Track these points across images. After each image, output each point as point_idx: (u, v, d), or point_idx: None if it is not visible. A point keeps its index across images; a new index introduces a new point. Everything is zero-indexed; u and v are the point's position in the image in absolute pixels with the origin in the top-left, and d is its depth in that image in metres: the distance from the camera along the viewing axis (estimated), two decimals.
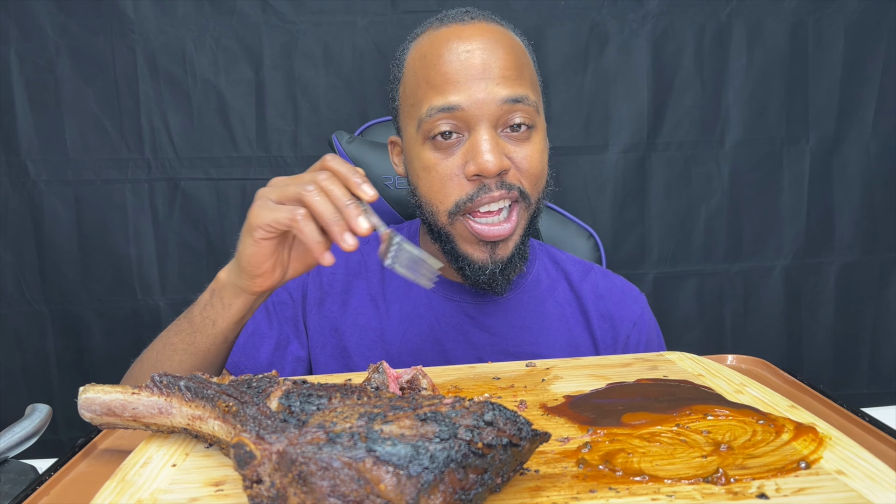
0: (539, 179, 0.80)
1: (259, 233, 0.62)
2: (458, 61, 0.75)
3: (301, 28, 1.43)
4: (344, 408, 0.44)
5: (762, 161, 1.54)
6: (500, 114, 0.75)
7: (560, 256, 0.96)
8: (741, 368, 0.71)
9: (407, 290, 0.88)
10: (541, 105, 0.81)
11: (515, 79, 0.76)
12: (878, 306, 1.59)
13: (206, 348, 0.70)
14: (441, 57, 0.76)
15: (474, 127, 0.75)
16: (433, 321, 0.87)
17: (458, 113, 0.75)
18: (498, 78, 0.75)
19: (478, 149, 0.74)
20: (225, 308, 0.68)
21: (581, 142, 1.50)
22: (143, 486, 0.45)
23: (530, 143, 0.78)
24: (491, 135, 0.75)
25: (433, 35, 0.79)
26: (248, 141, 1.46)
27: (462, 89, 0.74)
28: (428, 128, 0.76)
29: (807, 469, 0.43)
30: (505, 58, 0.76)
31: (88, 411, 0.53)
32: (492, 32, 0.77)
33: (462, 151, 0.76)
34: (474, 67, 0.75)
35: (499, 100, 0.74)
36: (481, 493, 0.39)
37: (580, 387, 0.61)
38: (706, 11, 1.47)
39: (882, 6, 1.49)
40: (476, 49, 0.75)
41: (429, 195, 0.79)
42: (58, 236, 1.45)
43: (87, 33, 1.40)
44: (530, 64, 0.81)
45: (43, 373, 1.50)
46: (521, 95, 0.76)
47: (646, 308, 0.94)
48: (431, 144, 0.77)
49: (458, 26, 0.78)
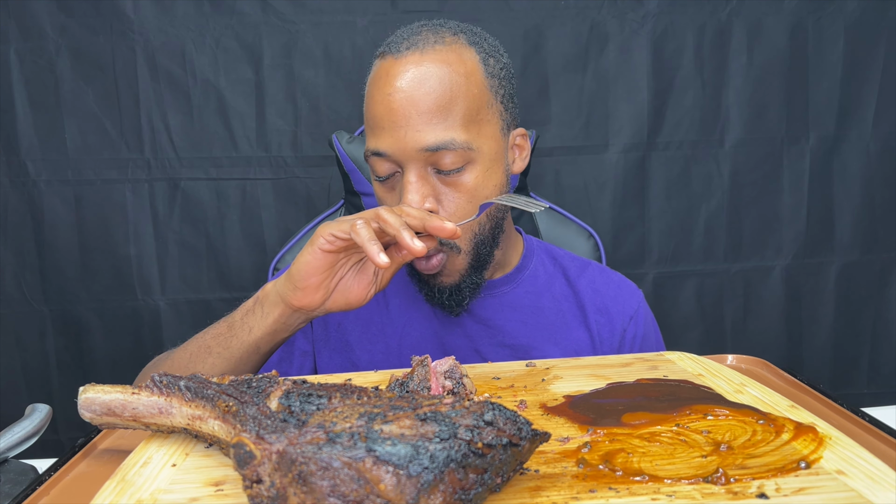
0: (468, 223, 0.77)
1: (321, 241, 0.65)
2: (382, 105, 0.75)
3: (301, 28, 1.43)
4: (344, 408, 0.44)
5: (762, 161, 1.54)
6: (423, 159, 0.74)
7: (558, 253, 0.97)
8: (741, 368, 0.71)
9: (405, 285, 0.89)
10: (485, 133, 0.77)
11: (438, 122, 0.73)
12: (878, 306, 1.59)
13: (239, 355, 0.71)
14: (372, 97, 0.77)
15: (404, 166, 0.76)
16: (431, 314, 0.88)
17: (386, 158, 0.76)
18: (419, 125, 0.73)
19: (404, 190, 0.75)
20: (264, 316, 0.70)
21: (581, 142, 1.50)
22: (143, 486, 0.45)
23: (460, 184, 0.76)
24: (418, 176, 0.75)
25: (376, 67, 0.79)
26: (247, 141, 1.46)
27: (386, 136, 0.75)
28: (371, 166, 0.79)
29: (807, 469, 0.43)
30: (426, 100, 0.73)
31: (88, 411, 0.53)
32: (419, 66, 0.74)
33: (398, 187, 0.78)
34: (395, 113, 0.74)
35: (419, 148, 0.73)
36: (481, 493, 0.39)
37: (580, 387, 0.61)
38: (706, 11, 1.47)
39: (882, 6, 1.49)
40: (398, 92, 0.74)
41: None
42: (58, 236, 1.45)
43: (87, 33, 1.40)
44: (471, 90, 0.75)
45: (43, 373, 1.50)
46: (443, 142, 0.73)
47: (643, 303, 0.94)
48: (375, 180, 0.81)
49: (392, 59, 0.76)
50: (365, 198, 1.10)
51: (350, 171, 1.09)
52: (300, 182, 1.48)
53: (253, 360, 0.72)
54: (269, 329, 0.70)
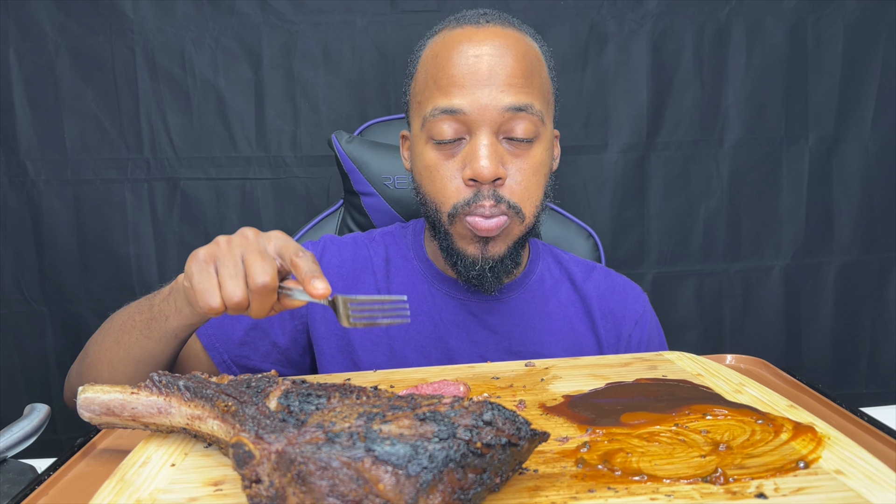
0: (531, 193, 0.79)
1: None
2: (465, 65, 0.75)
3: (300, 28, 1.43)
4: (343, 407, 0.44)
5: (761, 161, 1.54)
6: (501, 121, 0.75)
7: (563, 257, 0.97)
8: (740, 368, 0.71)
9: (411, 287, 0.89)
10: (549, 113, 0.81)
11: (522, 86, 0.76)
12: (877, 306, 1.60)
13: (158, 336, 0.70)
14: (450, 59, 0.77)
15: (475, 131, 0.76)
16: (437, 319, 0.87)
17: (459, 116, 0.75)
18: (503, 85, 0.75)
19: (475, 154, 0.75)
20: (177, 310, 0.67)
21: (581, 141, 1.50)
22: (143, 486, 0.45)
23: (529, 156, 0.78)
24: (490, 140, 0.75)
25: (447, 35, 0.79)
26: (247, 141, 1.46)
27: (466, 93, 0.75)
28: (431, 127, 0.77)
29: (805, 469, 0.43)
30: (513, 64, 0.76)
31: (87, 411, 0.53)
32: (504, 37, 0.77)
33: (462, 154, 0.77)
34: (481, 73, 0.75)
35: (502, 107, 0.75)
36: (480, 493, 0.39)
37: (579, 386, 0.61)
38: (705, 11, 1.47)
39: (881, 6, 1.49)
40: (485, 54, 0.75)
41: (431, 195, 0.80)
42: (57, 236, 1.45)
43: (86, 33, 1.40)
44: (542, 71, 0.80)
45: (42, 372, 1.49)
46: (525, 104, 0.75)
47: (647, 306, 0.94)
48: (434, 145, 0.78)
49: (472, 28, 0.78)
50: (364, 197, 1.10)
51: (349, 170, 1.09)
52: (300, 182, 1.48)
53: (172, 345, 0.71)
54: (185, 322, 0.68)
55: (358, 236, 0.94)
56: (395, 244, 0.93)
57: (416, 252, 0.91)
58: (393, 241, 0.94)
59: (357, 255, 0.91)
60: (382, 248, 0.92)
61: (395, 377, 0.66)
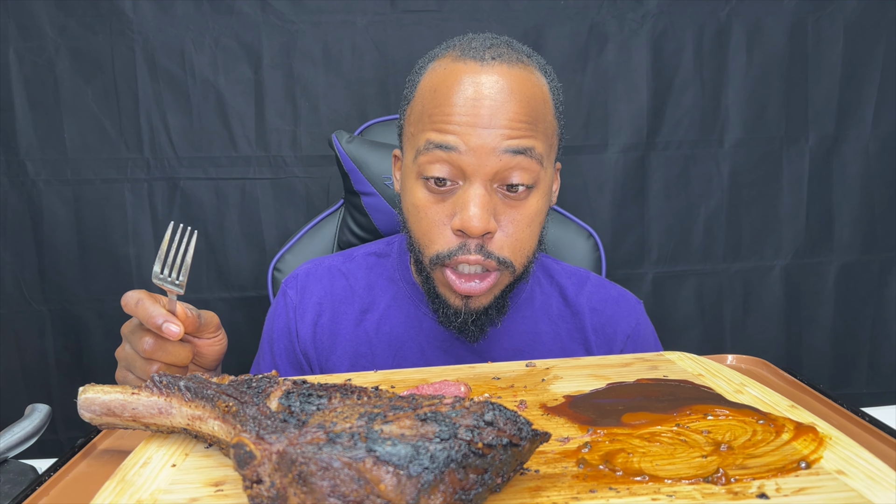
0: (523, 246, 0.75)
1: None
2: (465, 106, 0.71)
3: (300, 27, 1.43)
4: (344, 408, 0.44)
5: (761, 161, 1.54)
6: (499, 166, 0.71)
7: (555, 268, 0.94)
8: (741, 368, 0.71)
9: (397, 311, 0.87)
10: (551, 157, 0.77)
11: (524, 130, 0.72)
12: (878, 306, 1.60)
13: None
14: (450, 98, 0.72)
15: (469, 177, 0.71)
16: (424, 345, 0.86)
17: (454, 155, 0.71)
18: (504, 129, 0.71)
19: (466, 203, 0.71)
20: None
21: (581, 141, 1.50)
22: (143, 487, 0.45)
23: (524, 206, 0.74)
24: (484, 190, 0.71)
25: (449, 68, 0.74)
26: (247, 140, 1.46)
27: (463, 133, 0.71)
28: (423, 162, 0.73)
29: (807, 469, 0.43)
30: (517, 109, 0.71)
31: (88, 411, 0.53)
32: (510, 78, 0.72)
33: (453, 200, 0.73)
34: (481, 116, 0.70)
35: (500, 150, 0.70)
36: (481, 493, 0.39)
37: (580, 387, 0.61)
38: (706, 11, 1.47)
39: (882, 6, 1.49)
40: (486, 98, 0.71)
41: (416, 236, 0.77)
42: (57, 236, 1.45)
43: (86, 33, 1.40)
44: (548, 114, 0.75)
45: (42, 373, 1.49)
46: (525, 147, 0.71)
47: (641, 318, 0.91)
48: (425, 185, 0.74)
49: (476, 65, 0.73)
50: (364, 197, 1.10)
51: (350, 170, 1.09)
52: (300, 182, 1.48)
53: None
54: None
55: (335, 264, 0.93)
56: (380, 265, 0.91)
57: (401, 273, 0.90)
58: (377, 263, 0.92)
59: (334, 287, 0.90)
60: (364, 271, 0.91)
61: (396, 377, 0.66)
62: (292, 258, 1.12)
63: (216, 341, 0.71)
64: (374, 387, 0.50)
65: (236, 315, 1.49)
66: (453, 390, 0.59)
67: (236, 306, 1.49)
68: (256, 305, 1.49)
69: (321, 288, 0.90)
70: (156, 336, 0.64)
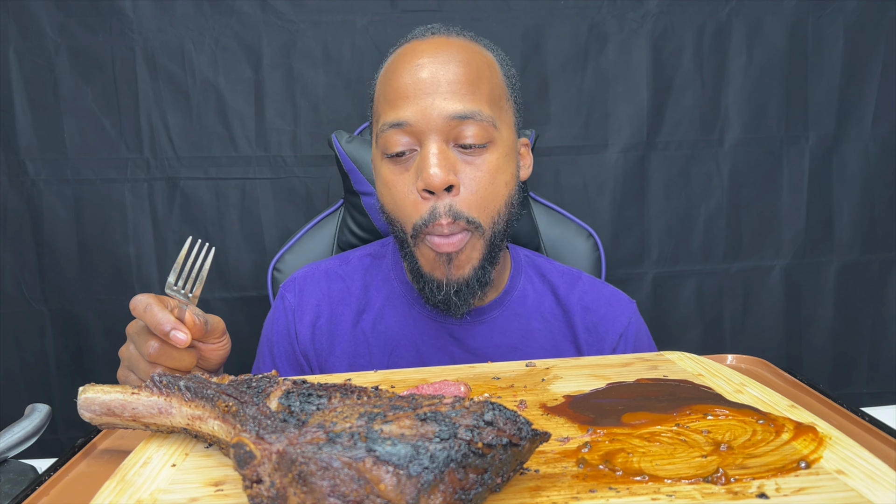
0: (488, 202, 0.76)
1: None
2: (408, 76, 0.75)
3: (300, 27, 1.43)
4: (344, 408, 0.44)
5: (762, 161, 1.54)
6: (448, 129, 0.74)
7: (547, 267, 0.94)
8: (741, 368, 0.71)
9: (392, 310, 0.88)
10: (505, 119, 0.79)
11: (466, 93, 0.74)
12: (878, 306, 1.60)
13: None
14: (395, 72, 0.77)
15: (423, 141, 0.75)
16: (419, 343, 0.87)
17: (406, 128, 0.75)
18: (447, 93, 0.74)
19: (425, 162, 0.73)
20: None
21: (580, 141, 1.50)
22: (143, 486, 0.45)
23: (482, 161, 0.76)
24: (440, 148, 0.74)
25: (396, 53, 0.80)
26: (247, 140, 1.46)
27: (410, 104, 0.74)
28: (384, 143, 0.77)
29: (807, 469, 0.43)
30: (456, 71, 0.75)
31: (88, 411, 0.53)
32: (448, 46, 0.77)
33: (414, 166, 0.76)
34: (423, 82, 0.74)
35: (445, 115, 0.73)
36: (481, 493, 0.39)
37: (580, 387, 0.61)
38: (706, 11, 1.47)
39: (882, 6, 1.49)
40: (426, 63, 0.75)
41: (393, 213, 0.79)
42: (57, 236, 1.45)
43: (86, 32, 1.40)
44: (493, 78, 0.79)
45: (42, 373, 1.49)
46: (471, 111, 0.74)
47: (633, 318, 0.92)
48: (388, 160, 0.78)
49: (417, 42, 0.79)
50: (364, 197, 1.10)
51: (349, 170, 1.09)
52: (299, 182, 1.48)
53: None
54: None
55: (332, 267, 0.94)
56: (376, 266, 0.92)
57: (396, 272, 0.91)
58: (373, 264, 0.93)
59: (332, 289, 0.91)
60: (360, 273, 0.92)
61: (395, 377, 0.66)
62: (292, 258, 1.12)
63: (221, 346, 0.71)
64: (373, 387, 0.50)
65: (236, 315, 1.49)
66: (453, 390, 0.59)
67: (236, 306, 1.49)
68: (256, 305, 1.49)
69: (318, 290, 0.91)
70: (161, 341, 0.64)
